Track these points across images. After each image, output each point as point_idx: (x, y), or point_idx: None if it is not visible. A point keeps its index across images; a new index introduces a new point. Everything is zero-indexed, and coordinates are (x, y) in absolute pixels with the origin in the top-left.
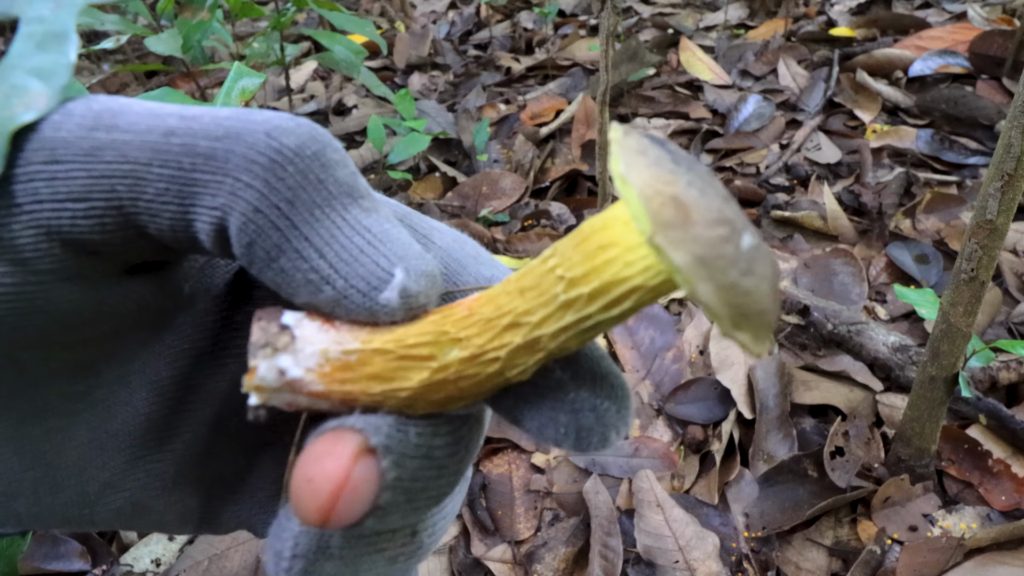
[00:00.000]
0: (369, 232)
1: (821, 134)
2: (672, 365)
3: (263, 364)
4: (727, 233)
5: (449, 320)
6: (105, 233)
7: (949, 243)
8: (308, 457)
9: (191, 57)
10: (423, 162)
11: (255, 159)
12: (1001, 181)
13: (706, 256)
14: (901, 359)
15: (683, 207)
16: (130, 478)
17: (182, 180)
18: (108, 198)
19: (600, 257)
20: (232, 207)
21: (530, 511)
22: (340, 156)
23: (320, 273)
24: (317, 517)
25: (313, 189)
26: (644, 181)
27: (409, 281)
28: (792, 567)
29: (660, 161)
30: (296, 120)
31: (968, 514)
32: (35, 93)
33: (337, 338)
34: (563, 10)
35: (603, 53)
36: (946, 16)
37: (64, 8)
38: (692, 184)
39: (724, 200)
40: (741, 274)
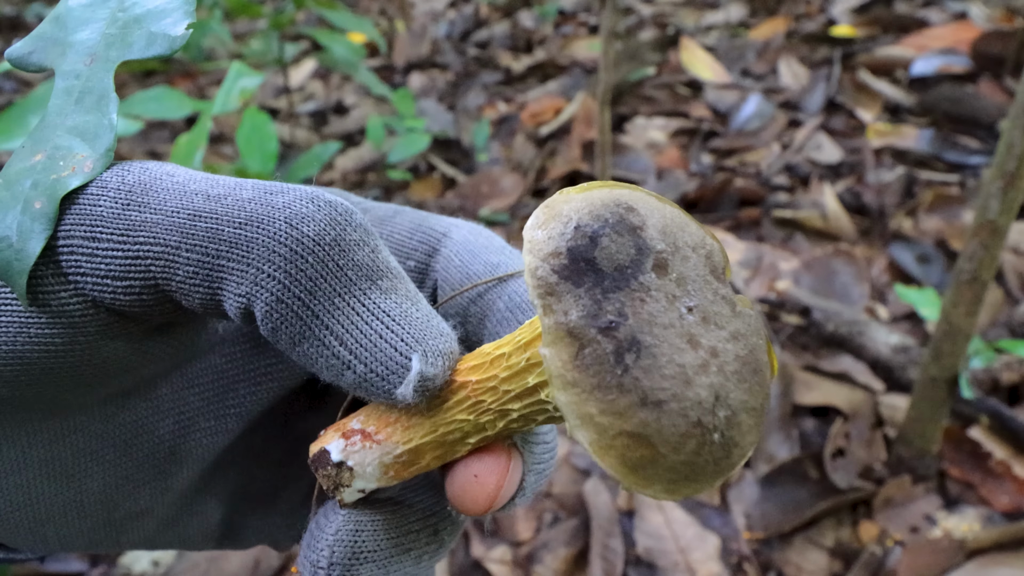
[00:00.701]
0: (388, 316)
1: (822, 134)
2: None
3: (346, 496)
4: (698, 442)
5: (463, 408)
6: (144, 306)
7: (950, 243)
8: (467, 463)
9: (190, 56)
10: (423, 162)
11: (276, 250)
12: (1003, 181)
13: (680, 478)
14: (902, 359)
15: (645, 442)
16: (156, 498)
17: (209, 266)
18: (144, 278)
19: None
20: (256, 296)
21: (530, 512)
22: (359, 235)
23: (341, 360)
24: (485, 504)
25: (333, 277)
26: (597, 428)
27: (425, 366)
28: (793, 568)
29: (602, 369)
30: (316, 202)
31: (970, 515)
32: (81, 157)
33: (384, 450)
34: (563, 9)
35: (603, 52)
36: (947, 15)
37: (100, 64)
38: (648, 395)
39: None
40: (723, 460)
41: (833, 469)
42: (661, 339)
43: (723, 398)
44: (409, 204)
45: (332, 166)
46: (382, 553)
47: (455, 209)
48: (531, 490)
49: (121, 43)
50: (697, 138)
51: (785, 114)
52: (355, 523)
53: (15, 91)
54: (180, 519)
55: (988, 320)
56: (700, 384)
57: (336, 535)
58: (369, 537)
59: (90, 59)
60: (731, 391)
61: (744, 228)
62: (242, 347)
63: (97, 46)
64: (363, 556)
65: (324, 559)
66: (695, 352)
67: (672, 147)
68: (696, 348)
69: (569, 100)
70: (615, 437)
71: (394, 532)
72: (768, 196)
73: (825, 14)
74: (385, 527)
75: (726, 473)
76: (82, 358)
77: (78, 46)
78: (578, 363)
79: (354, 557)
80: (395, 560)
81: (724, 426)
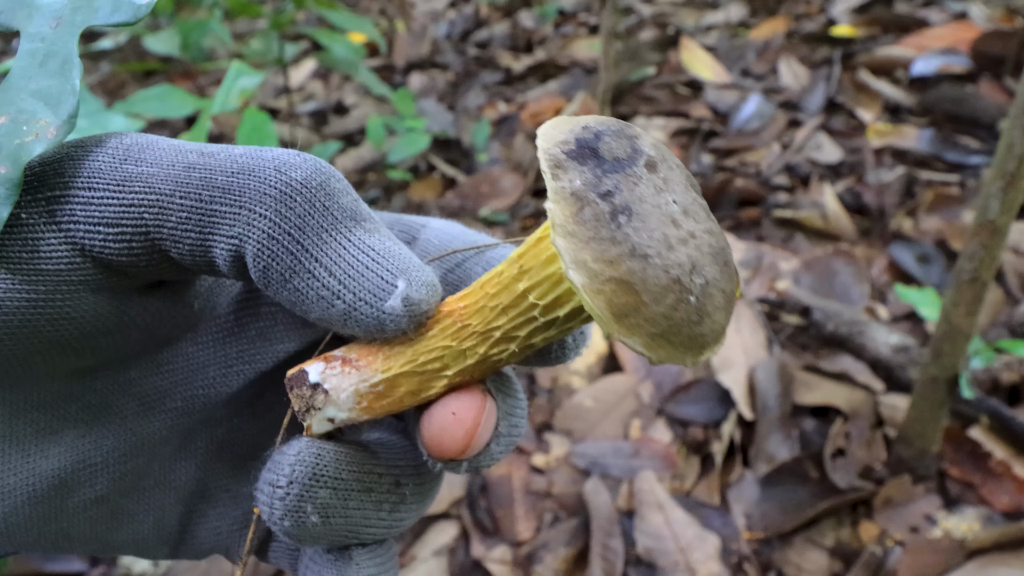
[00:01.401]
0: (372, 250)
1: (822, 133)
2: (673, 365)
3: (315, 423)
4: (676, 297)
5: (446, 334)
6: (132, 255)
7: (951, 243)
8: (445, 400)
9: (190, 56)
10: (423, 162)
11: (267, 192)
12: (1003, 181)
13: (660, 332)
14: (902, 359)
15: (631, 290)
16: (113, 485)
17: (202, 211)
18: (136, 225)
19: (563, 286)
20: (248, 235)
21: (530, 512)
22: (343, 185)
23: (331, 289)
24: (464, 442)
25: (320, 215)
26: (589, 272)
27: (411, 290)
28: (793, 568)
29: (599, 224)
30: (302, 156)
31: (970, 515)
32: (44, 123)
33: (361, 376)
34: (563, 9)
35: (603, 52)
36: (947, 15)
37: (65, 28)
38: (636, 248)
39: (669, 238)
40: (694, 325)
41: (833, 469)
42: (649, 212)
43: (699, 268)
44: (409, 204)
45: (332, 166)
46: (343, 483)
47: (455, 209)
48: (505, 442)
49: (87, 8)
50: (697, 138)
51: (785, 114)
52: (318, 448)
53: None
54: (136, 514)
55: (988, 320)
56: (680, 251)
57: (298, 455)
58: (331, 463)
59: (56, 22)
60: (706, 266)
61: (744, 228)
62: (214, 335)
63: (63, 9)
64: (323, 480)
65: (283, 477)
66: (676, 229)
67: (672, 147)
68: (678, 227)
69: (569, 100)
70: (605, 282)
71: (356, 467)
72: (768, 196)
73: (825, 14)
74: (348, 460)
75: (699, 346)
76: (62, 311)
77: (44, 9)
78: (578, 218)
79: (314, 478)
80: (355, 495)
81: (699, 292)
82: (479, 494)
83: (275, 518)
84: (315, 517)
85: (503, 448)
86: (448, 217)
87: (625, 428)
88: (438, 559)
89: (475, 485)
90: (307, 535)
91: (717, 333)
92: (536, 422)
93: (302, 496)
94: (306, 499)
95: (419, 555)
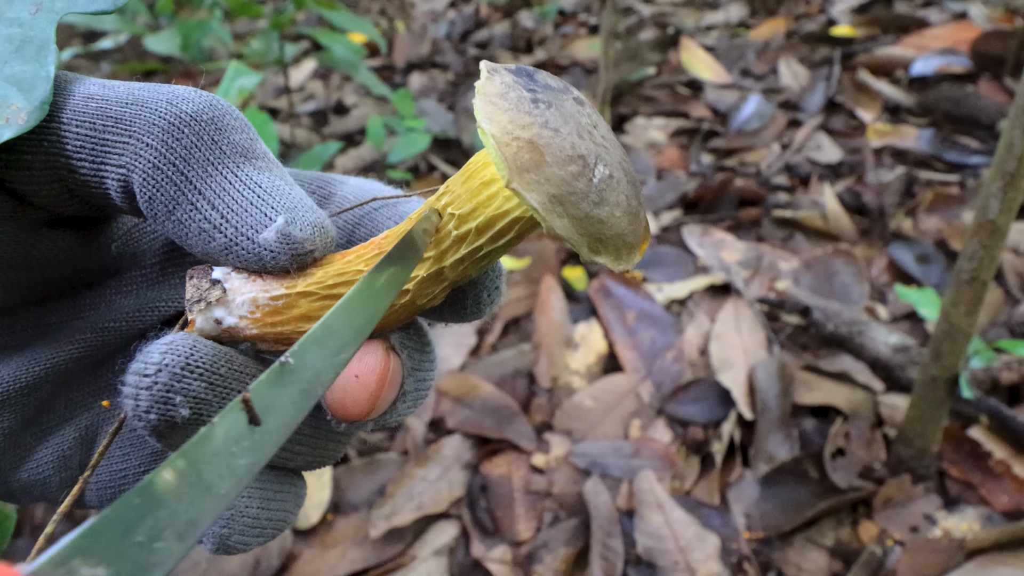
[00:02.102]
0: (259, 187)
1: (822, 133)
2: (672, 365)
3: (200, 317)
4: (578, 169)
5: (362, 259)
6: (33, 183)
7: (950, 243)
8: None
9: (190, 56)
10: (423, 162)
11: (156, 123)
12: (1003, 181)
13: (558, 194)
14: (902, 359)
15: (536, 149)
16: (16, 412)
17: (94, 140)
18: (36, 151)
19: (483, 193)
20: (135, 165)
21: (530, 512)
22: (239, 123)
23: (212, 223)
24: (368, 405)
25: (207, 149)
26: (502, 128)
27: (293, 228)
28: (793, 568)
29: (520, 103)
30: (198, 92)
31: (969, 515)
32: (15, 108)
33: (264, 286)
34: (563, 9)
35: (603, 52)
36: (947, 15)
37: (44, 14)
38: (548, 123)
39: (582, 132)
40: (593, 205)
41: (833, 469)
42: (568, 112)
43: (605, 161)
44: None
45: (332, 166)
46: (219, 378)
47: None
48: (412, 398)
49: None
50: (697, 138)
51: (785, 114)
52: (195, 339)
53: None
54: (38, 450)
55: (988, 320)
56: (588, 143)
57: (171, 344)
58: (207, 355)
59: (35, 8)
60: (613, 166)
61: (744, 228)
62: (138, 283)
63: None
64: (198, 371)
65: (152, 365)
66: (590, 133)
67: (672, 147)
68: (591, 133)
69: None
70: (514, 139)
71: (236, 367)
72: (768, 196)
73: (825, 14)
74: (226, 357)
75: (598, 235)
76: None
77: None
78: (502, 95)
79: (187, 368)
80: (233, 395)
81: (602, 176)
82: (479, 494)
83: (140, 410)
84: (185, 410)
85: (410, 404)
86: None
87: (625, 428)
88: (438, 559)
89: (475, 485)
90: (177, 433)
91: (620, 233)
92: (536, 422)
93: (171, 386)
94: (176, 390)
95: (419, 555)
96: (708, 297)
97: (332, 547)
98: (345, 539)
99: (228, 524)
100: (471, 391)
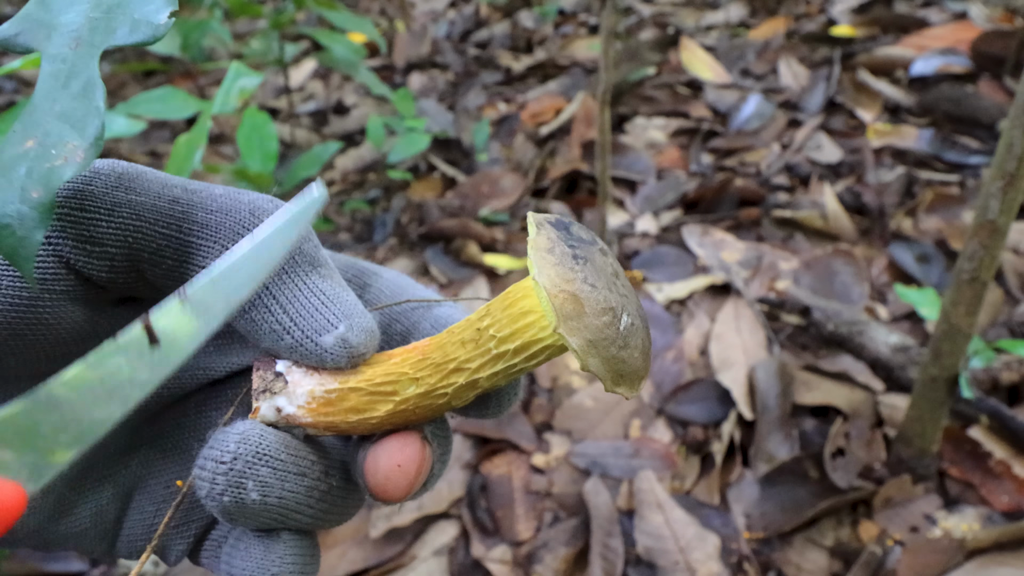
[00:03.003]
0: (324, 295)
1: (822, 133)
2: (672, 365)
3: (264, 405)
4: (610, 320)
5: (407, 363)
6: (112, 273)
7: (950, 243)
8: (388, 451)
9: (190, 56)
10: (423, 162)
11: (239, 232)
12: (1003, 181)
13: (593, 339)
14: (902, 359)
15: (578, 302)
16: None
17: (180, 241)
18: (119, 246)
19: (522, 321)
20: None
21: (530, 512)
22: (308, 234)
23: (282, 325)
24: (407, 490)
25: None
26: (551, 281)
27: (350, 333)
28: (793, 568)
29: (563, 258)
30: (275, 202)
31: (969, 515)
32: (72, 147)
33: (320, 381)
34: (563, 9)
35: (603, 52)
36: (947, 15)
37: (85, 48)
38: (587, 279)
39: (610, 285)
40: (619, 349)
41: (833, 469)
42: (599, 266)
43: (628, 311)
44: (409, 204)
45: (332, 166)
46: (282, 464)
47: (455, 209)
48: (434, 480)
49: (105, 28)
50: (697, 138)
51: (785, 114)
52: (262, 429)
53: (15, 91)
54: (77, 506)
55: (988, 320)
56: (616, 296)
57: (243, 434)
58: (273, 443)
59: (75, 43)
60: (633, 314)
61: (744, 228)
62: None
63: (81, 29)
64: (265, 459)
65: (228, 453)
66: (615, 283)
67: (672, 147)
68: (616, 283)
69: (569, 100)
70: (560, 291)
71: (293, 451)
72: (768, 196)
73: (825, 14)
74: (286, 443)
75: (620, 371)
76: (42, 316)
77: (63, 28)
78: (550, 250)
79: (257, 456)
80: (291, 477)
81: (626, 325)
82: (479, 494)
83: (215, 492)
84: (255, 494)
85: (431, 485)
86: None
87: (625, 428)
88: (438, 559)
89: (475, 485)
90: (244, 512)
91: (636, 370)
92: (536, 422)
93: (244, 473)
94: (248, 475)
95: (419, 555)
96: (708, 297)
97: (332, 547)
98: (345, 539)
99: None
100: None
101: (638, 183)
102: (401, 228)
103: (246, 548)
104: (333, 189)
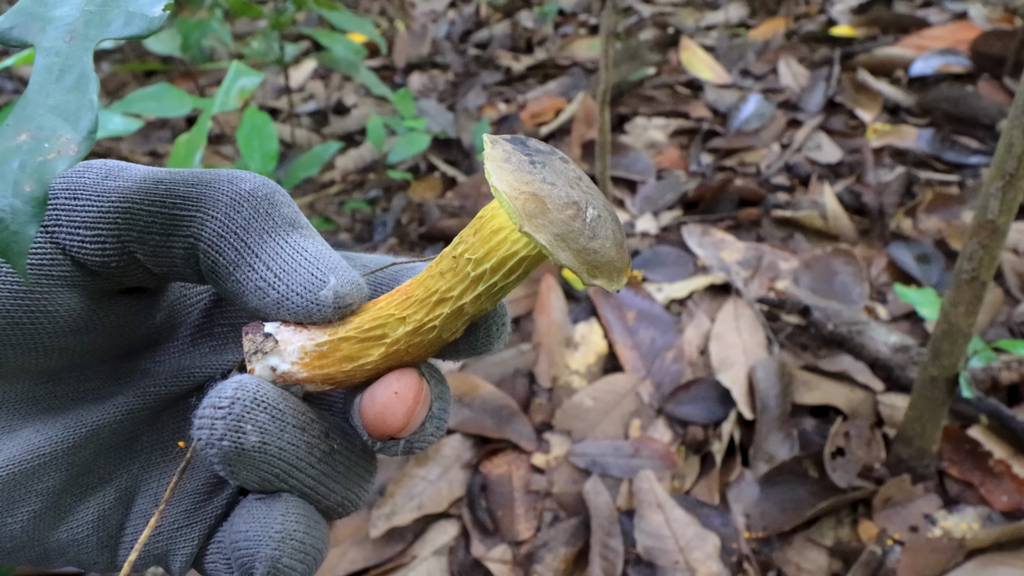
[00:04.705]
0: (307, 251)
1: (822, 133)
2: (672, 365)
3: (258, 366)
4: (574, 212)
5: (392, 304)
6: (105, 256)
7: (950, 243)
8: (384, 382)
9: (190, 56)
10: (423, 162)
11: (219, 198)
12: (1002, 181)
13: (560, 233)
14: (902, 359)
15: (540, 200)
16: (60, 473)
17: (165, 215)
18: (110, 228)
19: (494, 240)
20: (202, 234)
21: (530, 511)
22: (286, 199)
23: (267, 281)
24: (405, 419)
25: (262, 220)
26: (510, 185)
27: (340, 285)
28: (793, 567)
29: (520, 165)
30: (252, 173)
31: (969, 514)
32: (65, 140)
33: (310, 335)
34: (563, 9)
35: (603, 52)
36: (947, 15)
37: (79, 41)
38: (546, 179)
39: (571, 184)
40: (588, 240)
41: (833, 469)
42: (558, 170)
43: (593, 205)
44: (409, 204)
45: (332, 166)
46: (280, 412)
47: (455, 209)
48: (436, 423)
49: (100, 21)
50: (697, 138)
51: (785, 114)
52: (259, 379)
53: (15, 91)
54: (77, 511)
55: (988, 320)
56: (577, 192)
57: (240, 381)
58: (271, 392)
59: (70, 36)
60: (599, 208)
61: (744, 228)
62: (171, 353)
63: (76, 22)
64: (263, 404)
65: (226, 399)
66: (577, 184)
67: (672, 147)
68: (578, 184)
69: (569, 100)
70: (521, 193)
71: (292, 405)
72: (768, 196)
73: (825, 14)
74: (284, 396)
75: (593, 263)
76: (40, 304)
77: (57, 22)
78: (506, 159)
79: (255, 401)
80: (290, 428)
81: (592, 217)
82: (479, 493)
83: (214, 438)
84: (254, 437)
85: (435, 429)
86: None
87: (625, 428)
88: (438, 558)
89: (475, 485)
90: (244, 460)
91: (611, 260)
92: (536, 422)
93: (242, 416)
94: (246, 419)
95: (419, 554)
96: (708, 297)
97: (332, 547)
98: (345, 539)
99: (279, 546)
100: (471, 391)
101: (638, 183)
102: (401, 228)
103: (248, 511)
104: (333, 189)
